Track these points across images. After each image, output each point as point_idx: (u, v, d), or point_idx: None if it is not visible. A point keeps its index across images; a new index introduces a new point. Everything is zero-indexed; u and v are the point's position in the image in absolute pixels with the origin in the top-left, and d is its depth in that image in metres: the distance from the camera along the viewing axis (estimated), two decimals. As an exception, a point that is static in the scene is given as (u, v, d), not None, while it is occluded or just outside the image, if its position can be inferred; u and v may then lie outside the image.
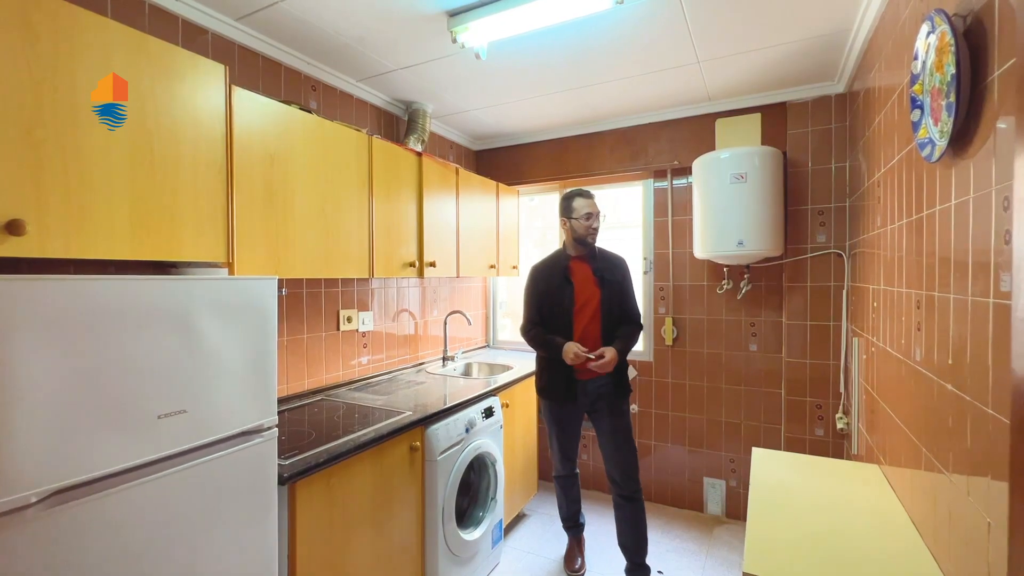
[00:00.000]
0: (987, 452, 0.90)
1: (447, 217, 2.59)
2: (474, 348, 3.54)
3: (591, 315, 2.23)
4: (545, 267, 2.33)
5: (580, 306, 2.23)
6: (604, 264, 2.28)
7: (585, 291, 2.24)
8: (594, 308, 2.23)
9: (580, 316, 2.23)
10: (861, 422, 2.13)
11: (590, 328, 2.22)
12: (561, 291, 2.24)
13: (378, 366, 2.63)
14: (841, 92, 2.51)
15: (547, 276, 2.29)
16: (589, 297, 2.23)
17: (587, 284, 2.25)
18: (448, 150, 3.27)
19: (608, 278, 2.24)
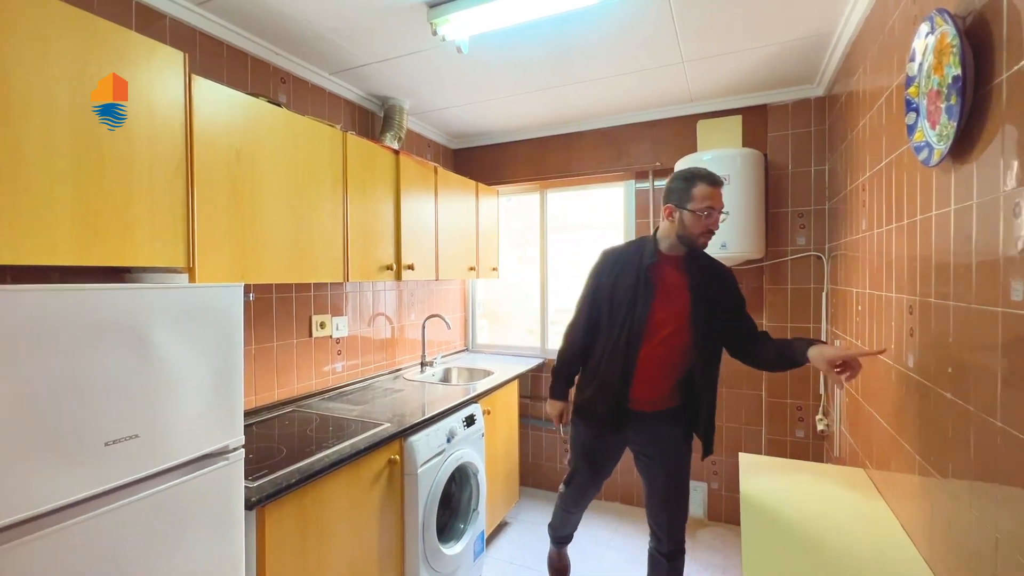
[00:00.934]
0: (994, 465, 0.88)
1: (425, 218, 2.49)
2: (453, 352, 3.45)
3: (672, 332, 1.65)
4: (620, 255, 1.75)
5: (657, 322, 1.66)
6: (704, 274, 1.69)
7: (669, 303, 1.66)
8: (675, 329, 1.65)
9: (652, 336, 1.66)
10: (843, 424, 2.14)
11: (664, 356, 1.65)
12: (634, 294, 1.66)
13: (353, 373, 2.51)
14: (820, 95, 2.53)
15: (620, 269, 1.72)
16: (673, 312, 1.65)
17: (676, 294, 1.66)
18: (426, 148, 3.17)
19: (710, 289, 1.67)
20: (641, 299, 1.67)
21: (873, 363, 1.64)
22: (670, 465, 1.78)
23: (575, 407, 1.89)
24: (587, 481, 1.93)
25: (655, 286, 1.67)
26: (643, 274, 1.68)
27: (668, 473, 1.78)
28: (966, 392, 0.99)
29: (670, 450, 1.78)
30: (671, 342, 1.67)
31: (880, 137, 1.57)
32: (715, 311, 1.67)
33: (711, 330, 1.67)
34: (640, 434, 1.79)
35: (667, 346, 1.67)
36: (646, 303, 1.66)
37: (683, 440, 1.78)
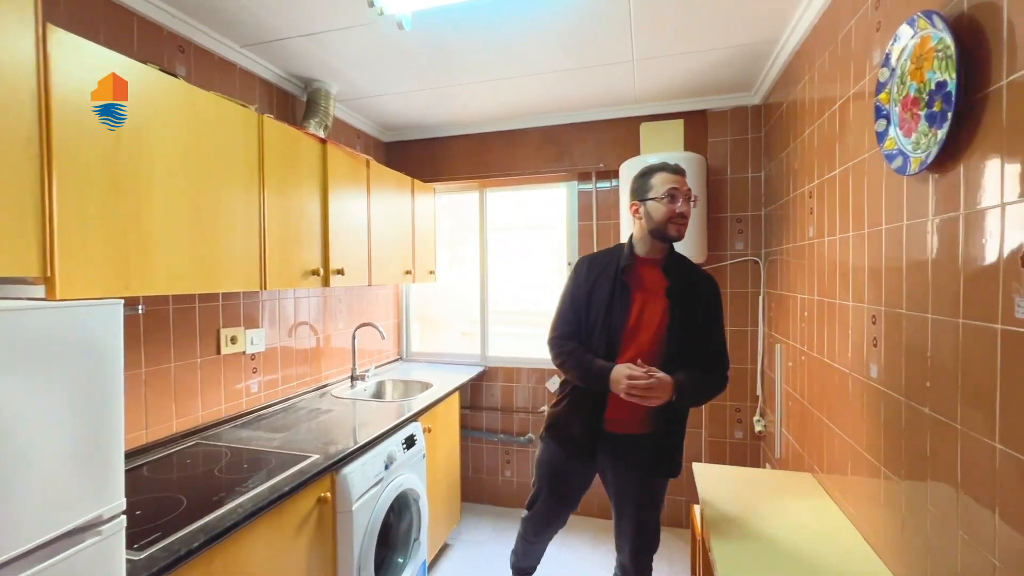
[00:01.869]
0: (992, 487, 0.84)
1: (357, 217, 2.23)
2: (386, 362, 3.18)
3: (648, 341, 1.55)
4: (596, 262, 1.67)
5: (635, 325, 1.56)
6: (684, 277, 1.59)
7: (648, 306, 1.57)
8: (654, 332, 1.55)
9: (631, 340, 1.56)
10: (784, 427, 2.18)
11: (642, 359, 1.52)
12: (611, 299, 1.58)
13: (273, 393, 2.19)
14: (757, 104, 2.58)
15: (596, 274, 1.63)
16: (651, 315, 1.56)
17: (653, 297, 1.57)
18: (355, 139, 2.88)
19: (686, 296, 1.57)
20: (618, 306, 1.57)
21: (825, 371, 1.65)
22: (642, 497, 1.65)
23: (546, 423, 1.75)
24: (549, 508, 1.77)
25: (631, 291, 1.58)
26: (619, 279, 1.59)
27: (639, 506, 1.65)
28: (949, 409, 0.96)
29: (643, 481, 1.64)
30: (648, 354, 1.54)
31: (832, 145, 1.57)
32: (690, 322, 1.56)
33: (685, 342, 1.54)
34: (611, 459, 1.65)
35: (644, 358, 1.53)
36: (623, 310, 1.56)
37: (657, 470, 1.62)
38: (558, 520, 1.81)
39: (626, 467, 1.64)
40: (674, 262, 1.62)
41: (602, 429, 1.60)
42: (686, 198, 1.53)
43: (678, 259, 1.64)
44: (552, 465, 1.72)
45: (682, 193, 1.52)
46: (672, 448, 1.61)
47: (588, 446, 1.61)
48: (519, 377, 3.11)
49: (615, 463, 1.65)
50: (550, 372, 3.02)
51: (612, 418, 1.59)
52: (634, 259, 1.62)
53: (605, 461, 1.67)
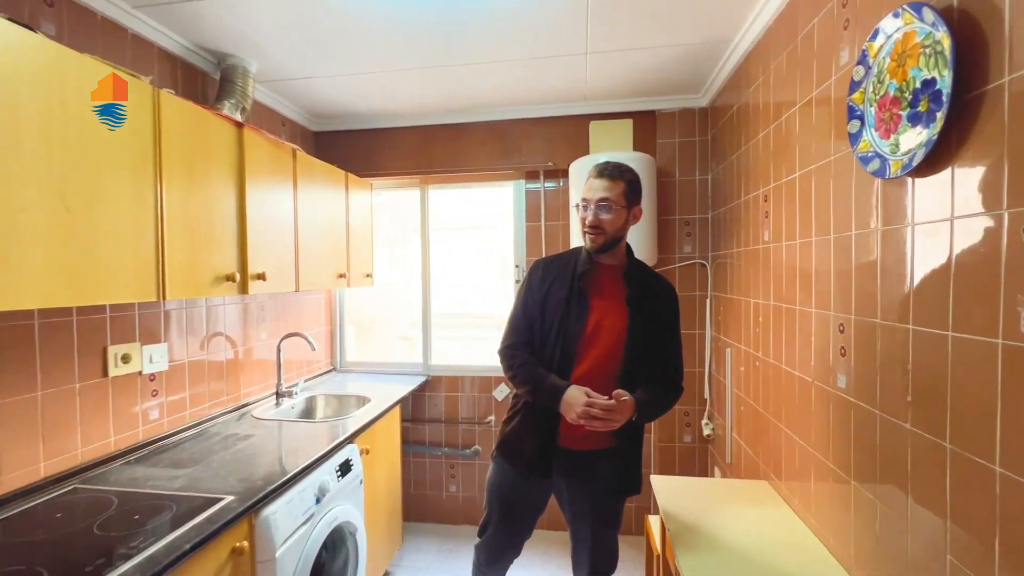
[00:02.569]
0: (991, 513, 0.79)
1: (282, 214, 1.96)
2: (317, 374, 2.88)
3: (606, 352, 1.46)
4: (552, 265, 1.57)
5: (592, 334, 1.46)
6: (645, 285, 1.51)
7: (607, 315, 1.47)
8: (612, 342, 1.46)
9: (588, 350, 1.46)
10: (735, 431, 2.17)
11: (600, 369, 1.44)
12: (567, 306, 1.48)
13: (178, 419, 1.87)
14: (704, 107, 2.58)
15: (552, 279, 1.53)
16: (610, 325, 1.46)
17: (612, 305, 1.48)
18: (279, 127, 2.57)
19: (647, 305, 1.48)
20: (574, 313, 1.47)
21: (783, 378, 1.62)
22: (601, 516, 1.55)
23: (497, 441, 1.62)
24: (501, 534, 1.63)
25: (589, 298, 1.48)
26: (576, 284, 1.49)
27: (597, 525, 1.55)
28: (934, 425, 0.91)
29: (601, 499, 1.54)
30: (606, 364, 1.46)
31: (791, 148, 1.54)
32: (650, 332, 1.47)
33: (644, 352, 1.47)
34: (566, 477, 1.54)
35: (602, 368, 1.46)
36: (580, 318, 1.46)
37: (615, 488, 1.52)
38: (512, 547, 1.67)
39: (582, 485, 1.54)
40: (634, 268, 1.54)
41: (557, 445, 1.50)
42: (598, 207, 1.43)
43: (639, 265, 1.57)
44: (503, 487, 1.60)
45: (593, 202, 1.44)
46: (632, 464, 1.53)
47: (542, 464, 1.49)
48: (464, 386, 2.94)
49: (571, 481, 1.55)
50: (497, 380, 2.87)
51: (567, 433, 1.48)
52: (593, 264, 1.52)
53: (560, 479, 1.56)
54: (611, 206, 1.42)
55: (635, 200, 1.48)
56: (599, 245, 1.46)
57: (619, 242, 1.49)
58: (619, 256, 1.53)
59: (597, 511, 1.55)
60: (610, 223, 1.43)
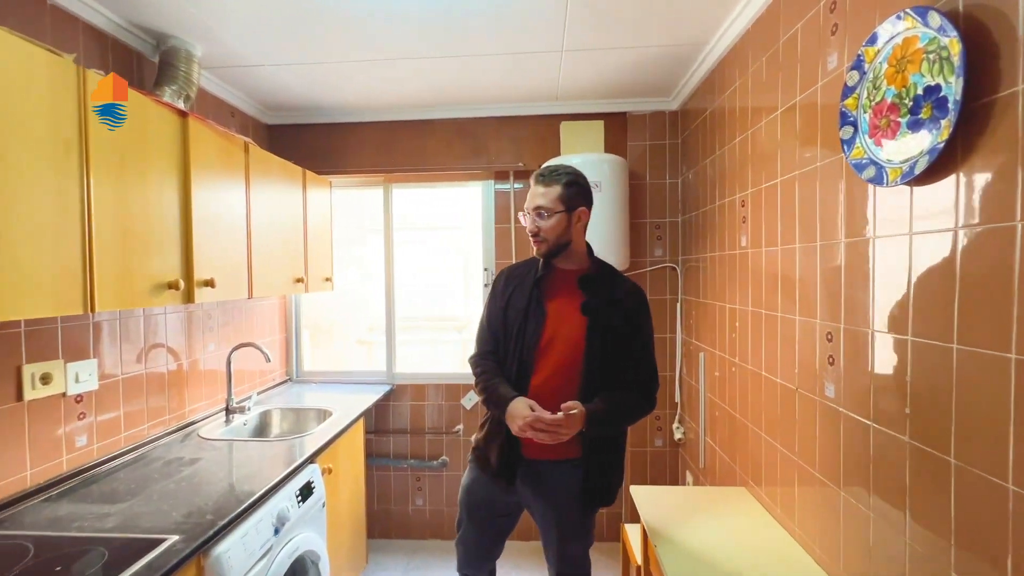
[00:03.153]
0: (1003, 532, 0.77)
1: (232, 214, 1.78)
2: (272, 385, 2.68)
3: (563, 361, 1.40)
4: (514, 274, 1.54)
5: (549, 343, 1.42)
6: (605, 291, 1.44)
7: (563, 324, 1.42)
8: (570, 351, 1.40)
9: (545, 359, 1.41)
10: (709, 436, 2.16)
11: (558, 379, 1.40)
12: (526, 317, 1.44)
13: (111, 443, 1.66)
14: (674, 110, 2.57)
15: (513, 287, 1.50)
16: (567, 333, 1.41)
17: (569, 313, 1.43)
18: (227, 118, 2.36)
19: (607, 312, 1.41)
20: (532, 322, 1.43)
21: (762, 384, 1.61)
22: (565, 528, 1.48)
23: (472, 446, 1.58)
24: (470, 534, 1.59)
25: (546, 306, 1.44)
26: (534, 292, 1.45)
27: (562, 537, 1.49)
28: (937, 440, 0.89)
29: (565, 511, 1.47)
30: (564, 374, 1.40)
31: (771, 153, 1.53)
32: (613, 340, 1.41)
33: (607, 361, 1.40)
34: (530, 486, 1.47)
35: (560, 378, 1.40)
36: (537, 327, 1.43)
37: (582, 500, 1.44)
38: (482, 550, 1.61)
39: (545, 495, 1.47)
40: (596, 273, 1.48)
41: (520, 454, 1.45)
42: (535, 214, 1.40)
43: (603, 270, 1.50)
44: (471, 489, 1.57)
45: (530, 210, 1.42)
46: (596, 474, 1.44)
47: (505, 472, 1.45)
48: (430, 394, 2.82)
49: (535, 491, 1.48)
50: (465, 388, 2.77)
51: (528, 442, 1.41)
52: (551, 270, 1.48)
53: (525, 489, 1.49)
54: (547, 212, 1.39)
55: (576, 202, 1.41)
56: (543, 252, 1.44)
57: (568, 246, 1.44)
58: (578, 260, 1.48)
59: (559, 523, 1.48)
60: (550, 229, 1.40)
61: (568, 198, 1.40)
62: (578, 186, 1.43)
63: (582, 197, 1.43)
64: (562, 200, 1.39)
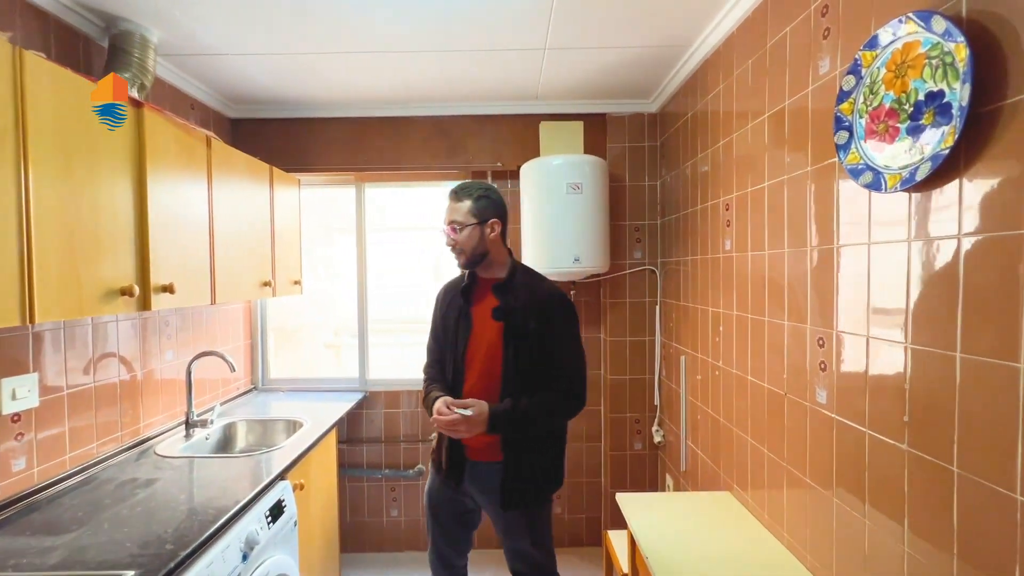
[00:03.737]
0: (1010, 540, 0.76)
1: (193, 213, 1.65)
2: (236, 395, 2.53)
3: (485, 366, 1.49)
4: (450, 287, 1.66)
5: (475, 352, 1.50)
6: (518, 300, 1.49)
7: (484, 330, 1.50)
8: (490, 356, 1.48)
9: (472, 365, 1.51)
10: (690, 439, 2.16)
11: (483, 383, 1.48)
12: (455, 327, 1.54)
13: (56, 465, 1.51)
14: (653, 112, 2.57)
15: (448, 300, 1.61)
16: (486, 346, 1.49)
17: (486, 326, 1.50)
18: (187, 110, 2.21)
19: (517, 323, 1.46)
20: (461, 331, 1.54)
21: (748, 388, 1.60)
22: (506, 526, 1.55)
23: (430, 453, 1.66)
24: (437, 536, 1.66)
25: (472, 315, 1.54)
26: (460, 303, 1.56)
27: (508, 534, 1.56)
28: (939, 449, 0.88)
29: (496, 511, 1.53)
30: (489, 378, 1.49)
31: (760, 157, 1.52)
32: (530, 342, 1.46)
33: (525, 364, 1.46)
34: (473, 487, 1.55)
35: (486, 382, 1.49)
36: (464, 335, 1.53)
37: (502, 500, 1.48)
38: (451, 547, 1.67)
39: (484, 493, 1.54)
40: (512, 280, 1.53)
41: (465, 456, 1.54)
42: (450, 228, 1.50)
43: (523, 275, 1.57)
44: (431, 491, 1.66)
45: (445, 225, 1.52)
46: (512, 477, 1.47)
47: (454, 472, 1.55)
48: (405, 401, 2.73)
49: (477, 490, 1.55)
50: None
51: (468, 445, 1.52)
52: (475, 280, 1.57)
53: (472, 488, 1.56)
54: (460, 225, 1.48)
55: (488, 214, 1.50)
56: (462, 263, 1.54)
57: (487, 256, 1.52)
58: (498, 269, 1.55)
59: (499, 521, 1.56)
60: (465, 241, 1.49)
61: (479, 211, 1.48)
62: (488, 199, 1.51)
63: (493, 209, 1.51)
64: (473, 213, 1.48)
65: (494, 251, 1.53)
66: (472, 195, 1.49)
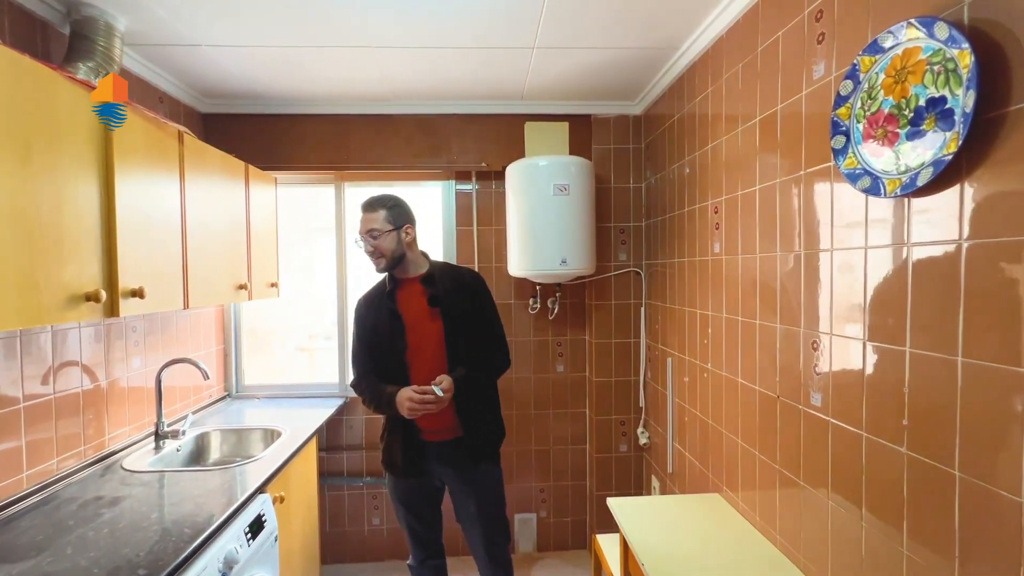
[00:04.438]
0: (1015, 545, 0.77)
1: (165, 212, 1.56)
2: (209, 403, 2.42)
3: (430, 354, 1.69)
4: (370, 298, 1.81)
5: (414, 345, 1.70)
6: (445, 286, 1.72)
7: (419, 327, 1.71)
8: (433, 349, 1.69)
9: (416, 361, 1.70)
10: (677, 441, 2.17)
11: (429, 368, 1.68)
12: (390, 329, 1.71)
13: (12, 484, 1.39)
14: (638, 114, 2.57)
15: (373, 310, 1.77)
16: (426, 335, 1.70)
17: (421, 317, 1.71)
18: (155, 103, 2.09)
19: (450, 305, 1.70)
20: (396, 332, 1.71)
21: (739, 391, 1.61)
22: (475, 488, 1.76)
23: (382, 461, 1.81)
24: (417, 529, 1.84)
25: (402, 315, 1.71)
26: (389, 306, 1.72)
27: (477, 498, 1.76)
28: (940, 453, 0.89)
29: (468, 474, 1.74)
30: (435, 363, 1.69)
31: (751, 161, 1.52)
32: (465, 319, 1.71)
33: (465, 338, 1.70)
34: (439, 466, 1.75)
35: (433, 365, 1.68)
36: (400, 334, 1.70)
37: (470, 458, 1.72)
38: (431, 535, 1.87)
39: (453, 469, 1.74)
40: (434, 272, 1.75)
41: (423, 441, 1.72)
42: (369, 236, 1.67)
43: (441, 267, 1.80)
44: (397, 492, 1.82)
45: (364, 234, 1.68)
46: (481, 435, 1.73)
47: (413, 467, 1.72)
48: (387, 406, 2.65)
49: (443, 469, 1.75)
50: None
51: (427, 428, 1.71)
52: (396, 283, 1.75)
53: (435, 470, 1.76)
54: (378, 232, 1.65)
55: (402, 221, 1.69)
56: (383, 267, 1.70)
57: (405, 258, 1.71)
58: (417, 268, 1.75)
59: (469, 484, 1.75)
60: (384, 246, 1.66)
61: (394, 218, 1.67)
62: (400, 208, 1.70)
63: (405, 216, 1.71)
64: (389, 220, 1.66)
65: (411, 253, 1.72)
66: (386, 205, 1.68)
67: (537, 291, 2.62)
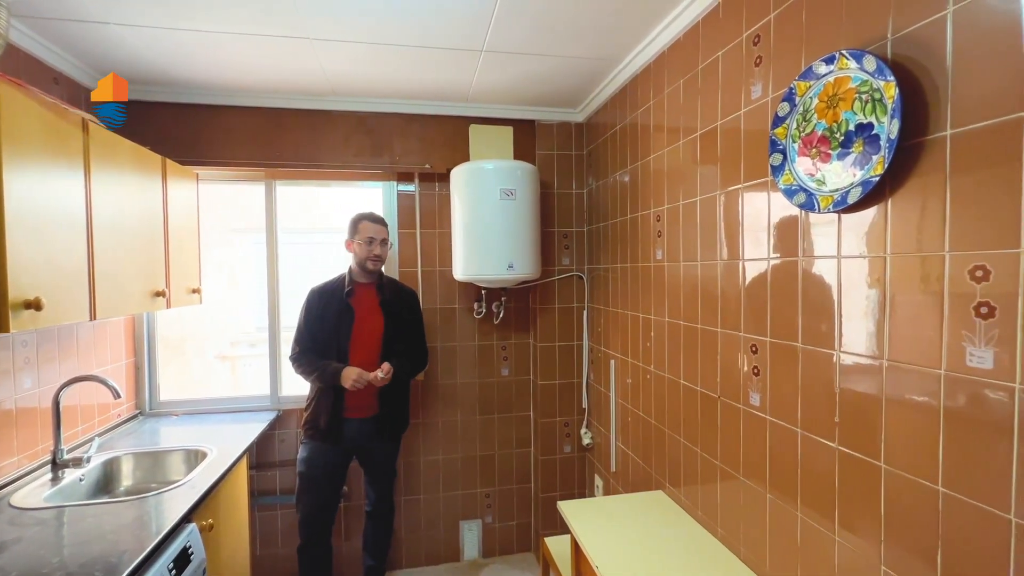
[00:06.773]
0: (932, 529, 0.85)
1: (67, 210, 1.37)
2: (117, 423, 2.16)
3: (370, 347, 2.10)
4: (325, 290, 2.14)
5: (358, 335, 2.09)
6: (393, 295, 2.18)
7: (368, 320, 2.11)
8: (375, 340, 2.11)
9: (357, 347, 2.09)
10: (620, 441, 2.23)
11: (367, 354, 2.09)
12: (339, 318, 2.08)
13: None
14: (580, 122, 2.62)
15: (326, 300, 2.11)
16: (372, 327, 2.11)
17: (371, 313, 2.12)
18: (49, 84, 1.84)
19: (396, 310, 2.15)
20: (345, 319, 2.08)
21: (680, 392, 1.68)
22: (383, 457, 2.22)
23: (302, 427, 2.13)
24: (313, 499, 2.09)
25: (354, 311, 2.09)
26: (344, 302, 2.09)
27: (382, 465, 2.23)
28: (867, 447, 0.98)
29: (378, 447, 2.18)
30: (371, 352, 2.10)
31: (692, 172, 1.60)
32: (400, 327, 2.16)
33: (398, 338, 2.15)
34: (356, 439, 2.10)
35: (369, 354, 2.09)
36: (348, 325, 2.08)
37: (389, 438, 2.18)
38: (325, 511, 2.12)
39: (367, 442, 2.13)
40: (385, 282, 2.18)
41: (344, 417, 2.07)
42: (380, 243, 2.09)
43: (388, 280, 2.21)
44: (311, 460, 2.08)
45: (377, 240, 2.08)
46: (394, 420, 2.18)
47: (333, 433, 2.05)
48: (324, 417, 2.51)
49: (358, 442, 2.12)
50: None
51: (350, 406, 2.07)
52: (355, 284, 2.13)
53: (352, 441, 2.10)
54: (387, 242, 2.15)
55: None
56: (377, 268, 2.13)
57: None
58: (372, 275, 2.14)
59: (377, 454, 2.20)
60: (385, 254, 2.14)
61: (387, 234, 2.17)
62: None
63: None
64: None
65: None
66: (385, 223, 2.14)
67: (483, 295, 2.59)
